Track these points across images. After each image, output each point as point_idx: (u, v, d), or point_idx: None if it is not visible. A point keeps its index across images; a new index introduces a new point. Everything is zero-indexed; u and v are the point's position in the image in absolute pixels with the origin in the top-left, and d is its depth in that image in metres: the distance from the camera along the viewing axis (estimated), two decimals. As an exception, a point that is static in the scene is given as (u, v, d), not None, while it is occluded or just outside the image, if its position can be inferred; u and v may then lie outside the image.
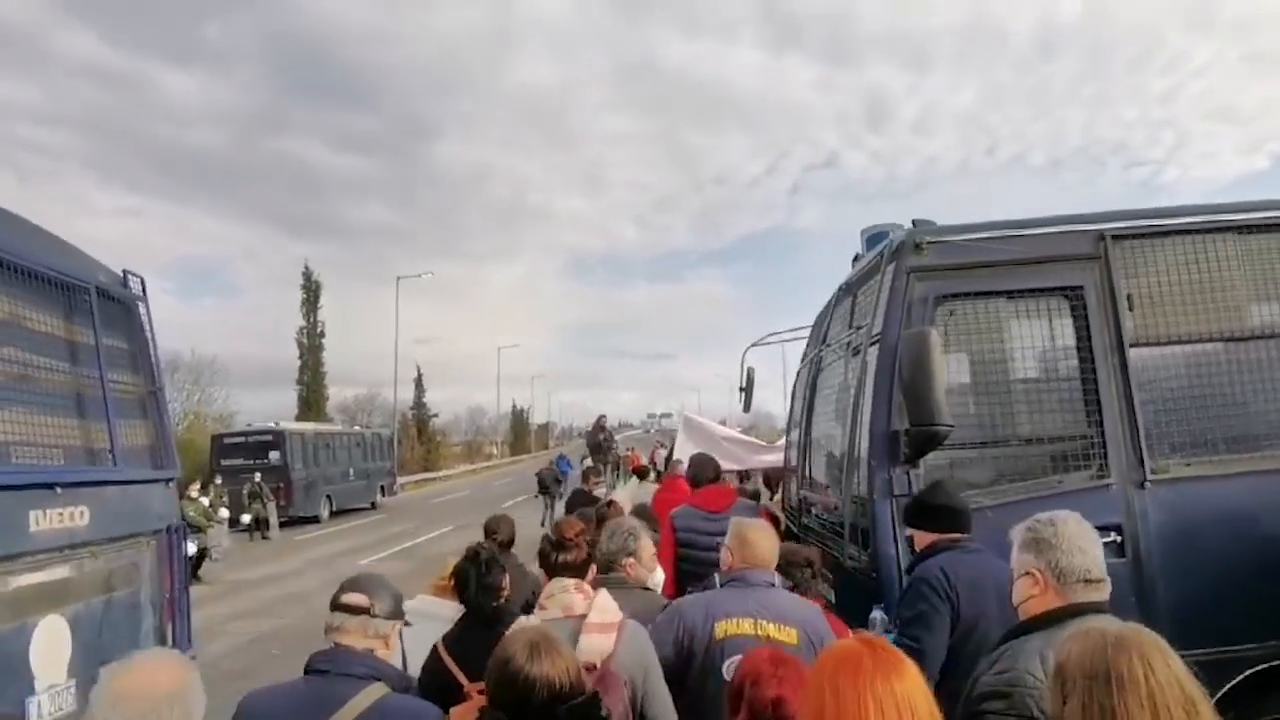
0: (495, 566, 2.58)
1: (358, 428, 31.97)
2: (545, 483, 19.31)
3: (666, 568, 3.88)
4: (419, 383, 48.65)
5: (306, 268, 37.97)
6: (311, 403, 36.68)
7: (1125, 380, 3.24)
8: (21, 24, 69.80)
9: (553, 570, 2.36)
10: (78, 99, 73.32)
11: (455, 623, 2.58)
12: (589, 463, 14.18)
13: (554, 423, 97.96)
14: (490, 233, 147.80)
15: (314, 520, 20.62)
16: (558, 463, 22.62)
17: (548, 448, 70.57)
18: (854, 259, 4.61)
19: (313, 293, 37.91)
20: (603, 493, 8.16)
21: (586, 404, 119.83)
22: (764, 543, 2.53)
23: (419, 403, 48.98)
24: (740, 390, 7.05)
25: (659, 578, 3.29)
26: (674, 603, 2.62)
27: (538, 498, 20.06)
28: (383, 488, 26.14)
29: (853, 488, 3.49)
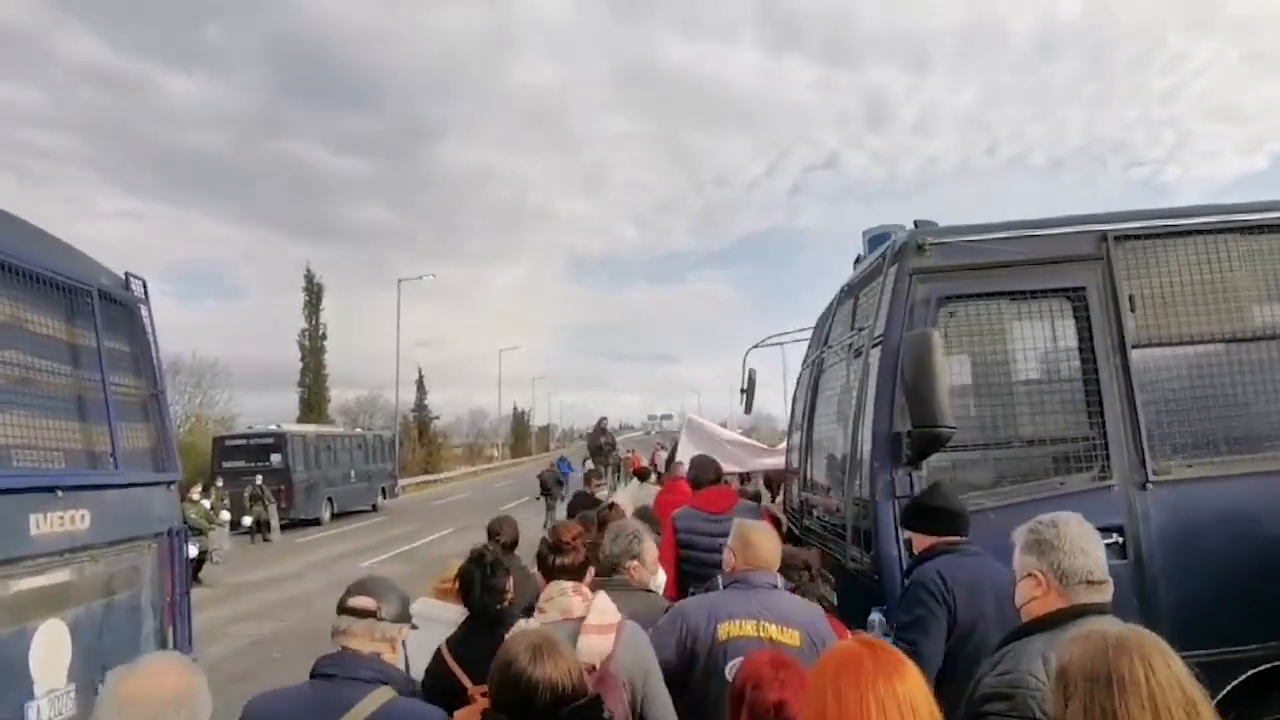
0: (500, 568, 2.57)
1: (359, 430, 31.96)
2: (546, 485, 19.34)
3: (668, 569, 3.87)
4: (420, 385, 48.82)
5: (309, 270, 38.09)
6: (313, 405, 36.70)
7: (1127, 381, 3.24)
8: (22, 26, 69.97)
9: (550, 573, 2.35)
10: (78, 101, 73.49)
11: (459, 625, 2.58)
12: (590, 465, 14.18)
13: (555, 425, 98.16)
14: (491, 234, 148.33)
15: (315, 522, 20.62)
16: (559, 465, 22.62)
17: (548, 450, 70.57)
18: (856, 260, 4.60)
19: (315, 295, 37.96)
20: (604, 495, 8.15)
21: (587, 405, 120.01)
22: (766, 544, 2.53)
23: (420, 405, 49.03)
24: (741, 392, 7.06)
25: (661, 579, 3.29)
26: (677, 604, 2.62)
27: (539, 500, 20.09)
28: (384, 490, 26.16)
29: (855, 489, 3.49)
